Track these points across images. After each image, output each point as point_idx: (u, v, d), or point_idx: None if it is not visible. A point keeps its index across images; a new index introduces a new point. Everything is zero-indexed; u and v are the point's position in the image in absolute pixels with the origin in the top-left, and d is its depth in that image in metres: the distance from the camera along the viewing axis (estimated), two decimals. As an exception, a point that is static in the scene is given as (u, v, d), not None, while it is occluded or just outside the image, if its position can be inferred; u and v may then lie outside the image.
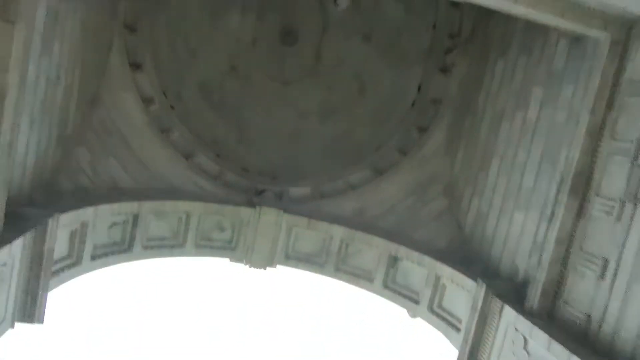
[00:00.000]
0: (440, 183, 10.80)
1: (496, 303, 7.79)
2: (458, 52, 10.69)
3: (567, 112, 7.71)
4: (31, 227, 7.12)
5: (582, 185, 7.03)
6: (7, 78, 6.40)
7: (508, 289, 8.00)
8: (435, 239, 10.09)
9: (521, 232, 8.22)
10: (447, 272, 9.17)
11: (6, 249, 6.42)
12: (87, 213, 8.42)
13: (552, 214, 7.35)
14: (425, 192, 10.77)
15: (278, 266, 10.61)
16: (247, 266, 10.46)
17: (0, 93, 6.43)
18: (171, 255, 9.99)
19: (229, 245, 10.37)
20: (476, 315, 8.08)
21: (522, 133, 8.72)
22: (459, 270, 8.95)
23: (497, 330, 7.74)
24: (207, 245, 10.24)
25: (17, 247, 6.77)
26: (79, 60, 8.92)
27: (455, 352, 8.78)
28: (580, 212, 7.09)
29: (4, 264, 6.45)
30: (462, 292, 8.73)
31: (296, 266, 10.66)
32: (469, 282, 8.54)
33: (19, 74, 6.54)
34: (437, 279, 9.35)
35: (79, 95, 9.28)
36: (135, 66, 10.21)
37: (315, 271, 10.64)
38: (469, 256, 9.42)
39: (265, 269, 10.50)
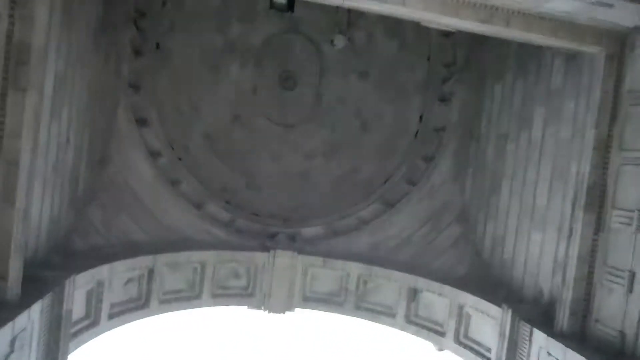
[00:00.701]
0: (453, 210, 10.74)
1: (524, 328, 7.57)
2: (455, 81, 10.89)
3: (571, 128, 7.76)
4: (48, 290, 7.08)
5: (597, 199, 6.98)
6: (19, 144, 6.57)
7: (535, 312, 7.80)
8: (454, 267, 9.94)
9: (541, 252, 8.09)
10: (469, 300, 8.97)
11: (25, 314, 6.37)
12: (102, 271, 8.40)
13: (571, 230, 7.25)
14: (439, 221, 10.70)
15: (297, 309, 10.42)
16: (266, 312, 10.28)
17: (14, 159, 6.59)
18: (189, 307, 9.86)
19: (246, 292, 10.25)
20: (505, 342, 7.84)
21: (529, 153, 8.74)
22: (481, 297, 8.76)
23: (529, 356, 7.48)
24: (223, 294, 10.12)
25: (36, 312, 6.71)
26: (87, 121, 9.16)
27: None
28: (598, 226, 7.00)
29: (24, 329, 6.38)
30: (488, 320, 8.51)
31: (315, 308, 10.47)
32: (493, 309, 8.33)
33: (31, 140, 6.71)
34: (461, 308, 9.14)
35: (89, 155, 9.47)
36: (141, 122, 10.45)
37: (335, 311, 10.44)
38: (490, 282, 9.24)
39: (284, 313, 10.32)
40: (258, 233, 10.61)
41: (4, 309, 6.30)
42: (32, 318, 6.63)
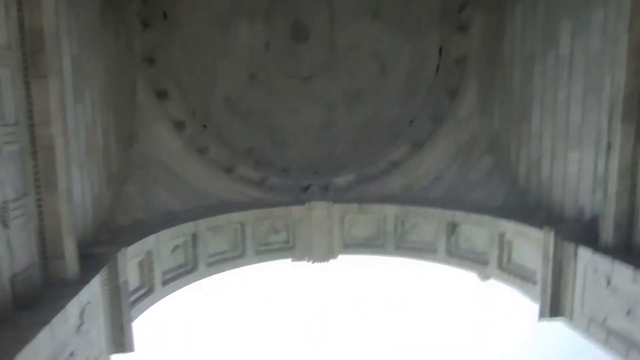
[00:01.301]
0: (483, 142, 10.58)
1: (569, 247, 7.56)
2: (472, 6, 10.43)
3: (601, 38, 7.39)
4: (103, 264, 7.45)
5: (636, 108, 6.72)
6: (51, 130, 6.74)
7: (577, 230, 7.75)
8: (490, 198, 9.89)
9: (579, 170, 7.94)
10: (509, 227, 8.97)
11: (87, 288, 6.75)
12: (149, 242, 8.73)
13: (609, 144, 7.06)
14: (470, 154, 10.58)
15: (339, 256, 10.66)
16: (310, 262, 10.57)
17: (49, 145, 6.78)
18: (235, 266, 10.22)
19: (287, 246, 10.52)
20: (550, 263, 7.87)
21: (557, 71, 8.42)
22: (521, 222, 8.73)
23: (576, 274, 7.51)
24: (266, 250, 10.42)
25: (96, 286, 7.10)
26: (109, 101, 9.26)
27: (535, 307, 8.58)
28: (638, 136, 6.79)
29: (89, 302, 6.78)
30: (530, 244, 8.52)
31: (357, 252, 10.69)
32: (535, 232, 8.32)
33: (60, 125, 6.87)
34: (501, 236, 9.16)
35: (117, 134, 9.64)
36: (161, 95, 10.50)
37: (377, 253, 10.64)
38: (528, 207, 9.18)
39: (327, 261, 10.58)
40: (291, 188, 10.75)
41: (67, 285, 6.70)
42: (94, 291, 7.03)
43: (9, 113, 6.15)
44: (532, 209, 9.14)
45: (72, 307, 6.32)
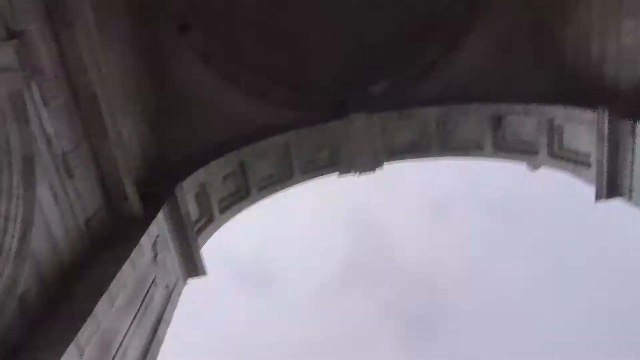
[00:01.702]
0: (524, 27, 9.88)
1: (625, 124, 7.25)
2: None
3: None
4: (163, 200, 7.87)
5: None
6: (88, 77, 6.85)
7: (635, 106, 7.36)
8: (535, 85, 9.44)
9: (634, 38, 7.36)
10: (559, 112, 8.63)
11: (154, 223, 7.22)
12: (200, 174, 9.05)
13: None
14: (510, 42, 9.96)
15: (385, 164, 10.72)
16: (357, 175, 10.70)
17: (89, 93, 6.93)
18: (285, 187, 10.51)
19: (333, 161, 10.62)
20: (605, 143, 7.63)
21: None
22: (572, 105, 8.37)
23: (634, 151, 7.27)
24: (313, 169, 10.59)
25: (161, 220, 7.56)
26: (136, 45, 9.20)
27: (589, 190, 8.47)
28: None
29: (158, 236, 7.29)
30: (583, 127, 8.23)
31: (402, 158, 10.69)
32: (587, 114, 7.99)
33: (95, 71, 6.94)
34: (550, 122, 8.86)
35: (149, 77, 9.67)
36: (184, 28, 10.27)
37: (423, 157, 10.61)
38: (579, 88, 8.73)
39: (374, 171, 10.68)
40: (328, 104, 10.60)
41: (135, 223, 7.17)
42: (161, 226, 7.50)
43: (47, 68, 6.26)
44: (583, 89, 8.69)
45: (145, 242, 6.82)
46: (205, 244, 9.13)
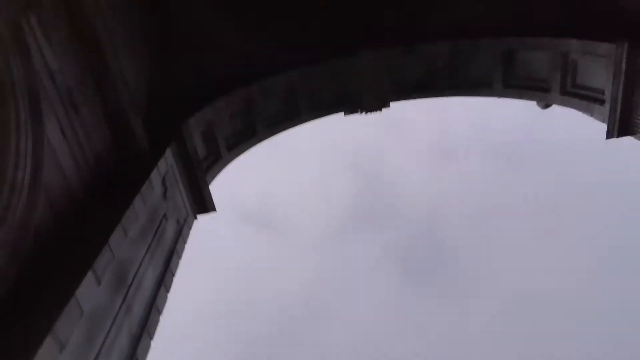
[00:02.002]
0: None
1: (643, 57, 7.01)
2: None
3: None
4: (170, 137, 7.86)
5: None
6: (86, 6, 6.64)
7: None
8: (550, 17, 9.03)
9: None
10: (574, 45, 8.33)
11: (162, 159, 7.26)
12: (207, 112, 8.96)
13: None
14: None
15: (392, 104, 10.55)
16: (363, 114, 10.57)
17: (90, 24, 6.74)
18: (291, 125, 10.43)
19: (339, 100, 10.45)
20: (621, 78, 7.43)
21: None
22: (588, 38, 8.06)
23: (650, 86, 7.09)
24: (319, 107, 10.43)
25: (169, 156, 7.60)
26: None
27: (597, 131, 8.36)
28: None
29: (167, 171, 7.36)
30: (599, 61, 7.97)
31: (409, 97, 10.51)
32: (604, 47, 7.71)
33: (93, 1, 6.72)
34: (564, 56, 8.58)
35: (151, 11, 9.34)
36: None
37: (430, 95, 10.42)
38: (595, 20, 8.34)
39: (380, 110, 10.53)
40: (335, 40, 10.28)
41: (144, 159, 7.21)
42: (169, 162, 7.54)
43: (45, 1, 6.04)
44: (600, 23, 8.31)
45: (155, 177, 6.89)
46: (214, 181, 9.21)
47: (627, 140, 8.14)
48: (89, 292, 5.11)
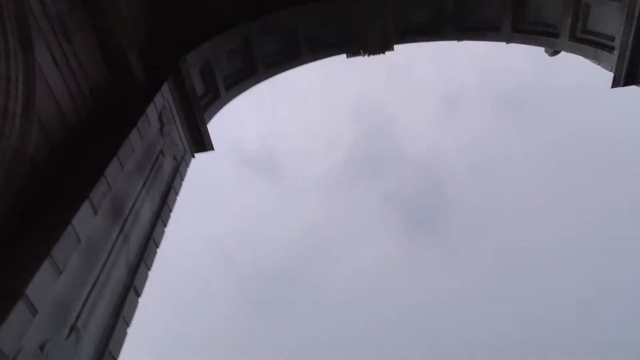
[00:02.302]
0: None
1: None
2: None
3: None
4: (168, 73, 7.70)
5: None
6: None
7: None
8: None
9: None
10: (587, -8, 7.97)
11: (159, 95, 7.15)
12: (205, 48, 8.73)
13: None
14: None
15: (395, 47, 10.25)
16: (366, 56, 10.29)
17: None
18: (292, 66, 10.18)
19: (341, 41, 10.14)
20: (634, 24, 7.15)
21: None
22: (604, -19, 7.70)
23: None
24: (320, 47, 10.14)
25: (166, 92, 7.48)
26: None
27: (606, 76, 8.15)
28: None
29: (164, 107, 7.27)
30: (612, 5, 7.65)
31: (414, 40, 10.18)
32: (619, -10, 7.37)
33: None
34: (577, 0, 8.24)
35: None
36: None
37: (435, 39, 10.09)
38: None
39: (384, 53, 10.25)
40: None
41: (140, 94, 7.10)
42: (166, 97, 7.43)
43: None
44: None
45: (151, 112, 6.82)
46: (212, 119, 9.12)
47: (632, 90, 7.98)
48: (86, 221, 5.18)
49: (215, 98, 9.14)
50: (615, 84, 7.80)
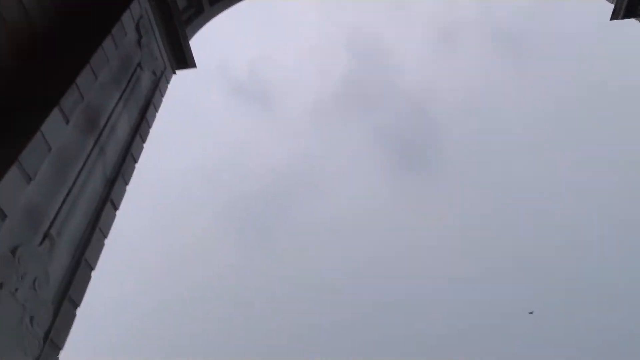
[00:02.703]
0: None
1: None
2: None
3: None
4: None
5: None
6: None
7: None
8: None
9: None
10: None
11: (135, 2, 6.71)
12: (187, -44, 8.13)
13: None
14: None
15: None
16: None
17: None
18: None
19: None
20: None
21: None
22: None
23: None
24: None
25: (143, 0, 7.02)
26: None
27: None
28: None
29: (141, 17, 6.86)
30: None
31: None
32: None
33: None
34: None
35: None
36: None
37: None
38: None
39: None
40: None
41: (117, 2, 6.67)
42: (143, 6, 6.99)
43: None
44: None
45: (127, 20, 6.44)
46: (195, 35, 8.70)
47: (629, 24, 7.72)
48: (57, 129, 5.03)
49: (199, 12, 8.65)
50: (615, 15, 7.51)
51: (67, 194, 5.26)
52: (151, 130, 7.37)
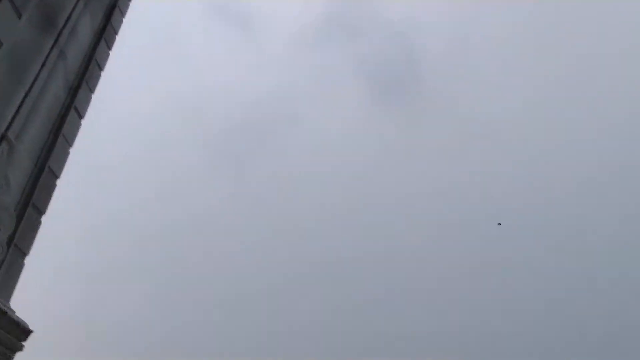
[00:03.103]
0: None
1: None
2: None
3: None
4: None
5: None
6: None
7: None
8: None
9: None
10: None
11: None
12: None
13: None
14: None
15: None
16: None
17: None
18: None
19: None
20: None
21: None
22: None
23: None
24: None
25: None
26: None
27: None
28: None
29: None
30: None
31: None
32: None
33: None
34: None
35: None
36: None
37: None
38: None
39: None
40: None
41: None
42: None
43: None
44: None
45: None
46: None
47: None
48: (8, 24, 4.61)
49: None
50: None
51: (25, 96, 4.94)
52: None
